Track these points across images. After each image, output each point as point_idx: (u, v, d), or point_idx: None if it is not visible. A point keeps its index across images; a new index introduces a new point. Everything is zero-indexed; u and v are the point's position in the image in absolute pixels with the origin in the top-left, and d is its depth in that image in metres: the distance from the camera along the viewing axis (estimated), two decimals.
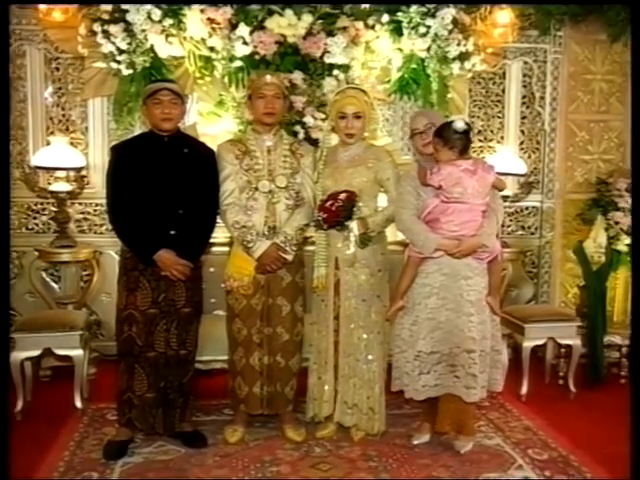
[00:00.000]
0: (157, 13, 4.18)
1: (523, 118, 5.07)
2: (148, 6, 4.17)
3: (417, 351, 3.31)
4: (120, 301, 3.38)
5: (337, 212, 3.35)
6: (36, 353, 3.89)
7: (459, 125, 3.16)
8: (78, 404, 3.90)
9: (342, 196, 3.35)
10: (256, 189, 3.41)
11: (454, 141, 3.16)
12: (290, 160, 3.48)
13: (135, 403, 3.38)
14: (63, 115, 4.70)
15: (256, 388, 3.53)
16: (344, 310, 3.50)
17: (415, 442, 3.54)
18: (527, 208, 5.14)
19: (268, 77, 3.44)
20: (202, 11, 4.22)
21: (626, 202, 4.62)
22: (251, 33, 4.24)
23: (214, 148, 3.51)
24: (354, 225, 3.41)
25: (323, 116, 4.36)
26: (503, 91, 5.03)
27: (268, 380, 3.55)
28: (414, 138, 3.49)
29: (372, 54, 4.48)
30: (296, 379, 3.61)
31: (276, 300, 3.49)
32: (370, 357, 3.50)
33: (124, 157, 3.35)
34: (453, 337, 3.26)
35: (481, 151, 5.01)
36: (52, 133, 4.62)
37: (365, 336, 3.49)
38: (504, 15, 4.59)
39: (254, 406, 3.55)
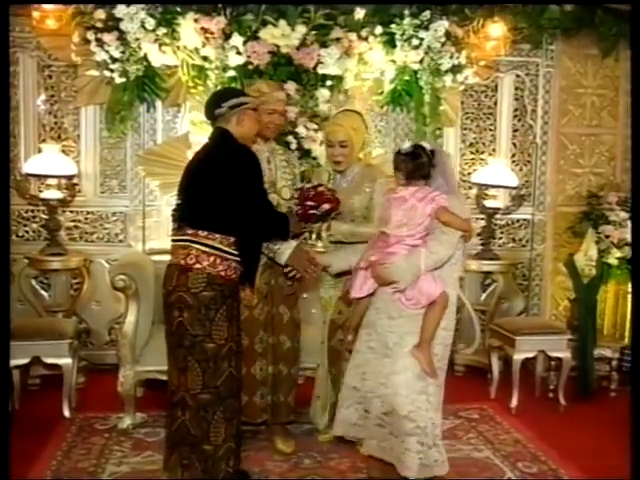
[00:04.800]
0: (151, 22, 4.19)
1: (515, 131, 5.09)
2: (142, 15, 4.17)
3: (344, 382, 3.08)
4: (218, 335, 2.88)
5: (309, 217, 3.31)
6: (24, 361, 3.87)
7: (403, 147, 2.93)
8: (66, 413, 3.87)
9: (324, 207, 3.29)
10: None
11: (398, 163, 2.93)
12: (288, 171, 3.49)
13: (235, 450, 3.00)
14: (55, 123, 4.69)
15: (256, 397, 3.52)
16: (332, 322, 3.55)
17: None
18: (518, 220, 5.15)
19: (281, 94, 3.45)
20: (196, 20, 4.23)
21: (617, 215, 4.64)
22: (244, 43, 4.25)
23: None
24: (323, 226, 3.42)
25: (316, 127, 4.37)
26: (495, 104, 5.05)
27: (272, 389, 3.55)
28: None
29: (365, 65, 4.49)
30: (296, 388, 3.64)
31: (278, 309, 3.51)
32: None
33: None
34: (369, 379, 2.94)
35: (473, 163, 5.03)
36: (44, 140, 4.61)
37: None
38: (496, 28, 4.61)
39: (253, 415, 3.53)
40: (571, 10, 4.69)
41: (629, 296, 4.70)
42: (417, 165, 2.87)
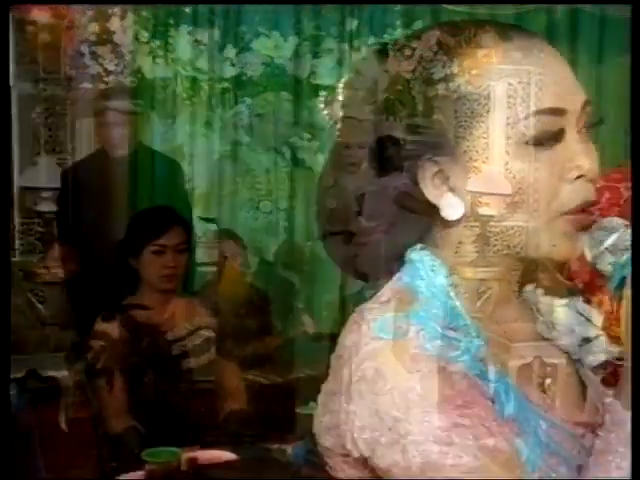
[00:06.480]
0: (144, 34, 4.23)
1: (508, 138, 5.11)
2: (136, 27, 4.21)
3: None
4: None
5: None
6: (20, 375, 3.85)
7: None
8: (63, 426, 3.86)
9: None
10: (257, 208, 3.42)
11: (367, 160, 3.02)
12: (288, 184, 3.52)
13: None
14: (50, 136, 4.70)
15: (249, 407, 3.53)
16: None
17: None
18: (512, 227, 5.16)
19: (284, 103, 3.46)
20: (189, 33, 4.26)
21: (610, 221, 4.67)
22: (238, 54, 4.29)
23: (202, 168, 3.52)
24: None
25: (310, 136, 4.40)
26: (488, 112, 5.07)
27: (262, 400, 3.56)
28: None
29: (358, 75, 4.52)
30: (291, 397, 3.63)
31: (272, 319, 3.51)
32: None
33: None
34: None
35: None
36: (38, 153, 4.62)
37: None
38: (488, 37, 4.65)
39: (246, 425, 3.53)
40: (557, 18, 4.74)
41: (624, 301, 4.72)
42: (382, 159, 2.88)
